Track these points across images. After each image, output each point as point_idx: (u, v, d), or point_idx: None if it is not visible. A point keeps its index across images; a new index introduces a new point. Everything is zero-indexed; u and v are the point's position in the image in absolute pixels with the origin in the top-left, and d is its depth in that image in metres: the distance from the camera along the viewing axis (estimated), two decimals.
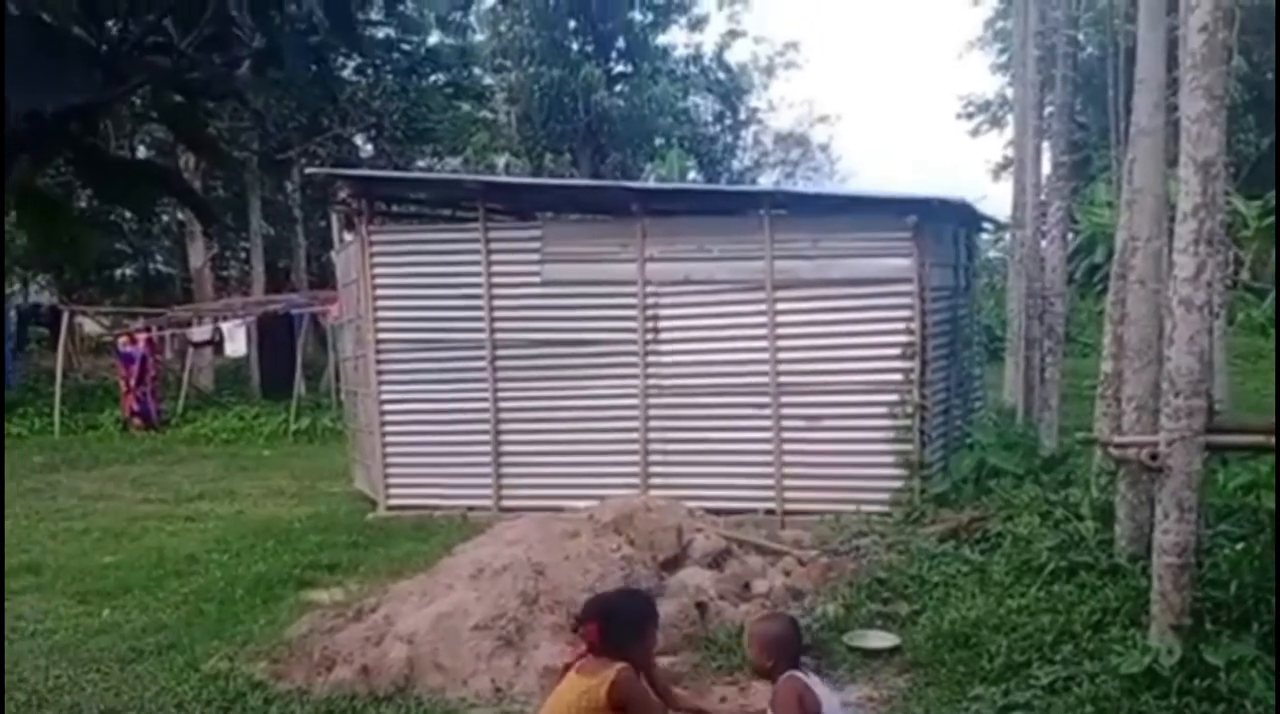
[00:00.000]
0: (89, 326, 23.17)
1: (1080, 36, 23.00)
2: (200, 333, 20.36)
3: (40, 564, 9.32)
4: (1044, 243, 12.12)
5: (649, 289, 10.30)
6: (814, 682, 4.46)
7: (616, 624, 4.34)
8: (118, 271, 31.41)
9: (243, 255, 31.39)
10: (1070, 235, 24.40)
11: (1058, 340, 11.34)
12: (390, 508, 10.97)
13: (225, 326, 19.83)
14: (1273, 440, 6.03)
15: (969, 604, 6.63)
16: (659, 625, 4.55)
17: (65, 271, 25.87)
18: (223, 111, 21.28)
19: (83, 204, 20.73)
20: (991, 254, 25.76)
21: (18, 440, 18.12)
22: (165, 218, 27.57)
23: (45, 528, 10.98)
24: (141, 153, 24.85)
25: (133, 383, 19.25)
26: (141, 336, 19.86)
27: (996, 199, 33.74)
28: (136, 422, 19.16)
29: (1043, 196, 12.78)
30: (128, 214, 24.72)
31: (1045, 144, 13.26)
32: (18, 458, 15.97)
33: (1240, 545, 6.29)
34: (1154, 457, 5.53)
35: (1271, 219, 21.90)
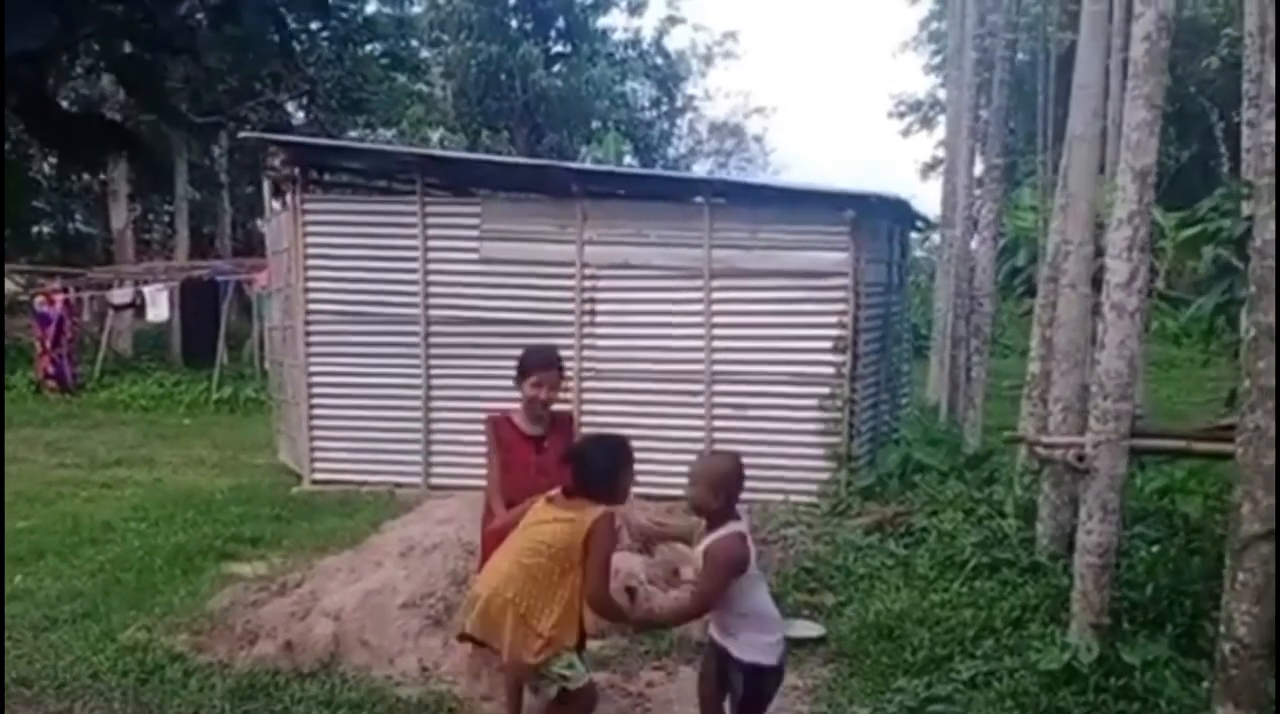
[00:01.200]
0: (4, 285, 22.44)
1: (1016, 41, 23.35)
2: (121, 296, 19.87)
3: None
4: (975, 244, 12.31)
5: (587, 271, 10.28)
6: (745, 526, 4.51)
7: (590, 467, 4.38)
8: (35, 229, 30.50)
9: (166, 219, 30.71)
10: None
11: (984, 340, 11.52)
12: (315, 482, 10.83)
13: (147, 290, 19.39)
14: (1191, 445, 6.23)
15: (893, 597, 6.74)
16: (631, 474, 4.54)
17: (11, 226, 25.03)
18: (172, 68, 20.76)
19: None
20: (918, 253, 26.11)
21: None
22: (86, 176, 26.83)
23: None
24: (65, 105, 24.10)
25: (48, 344, 18.75)
26: (59, 297, 19.35)
27: (924, 198, 34.24)
28: (51, 384, 18.69)
29: (974, 198, 12.97)
30: (46, 172, 24.01)
31: (978, 146, 13.45)
32: None
33: (1155, 548, 6.48)
34: (1080, 458, 5.66)
35: (1189, 231, 22.43)
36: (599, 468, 4.40)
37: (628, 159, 32.59)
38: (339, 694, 5.58)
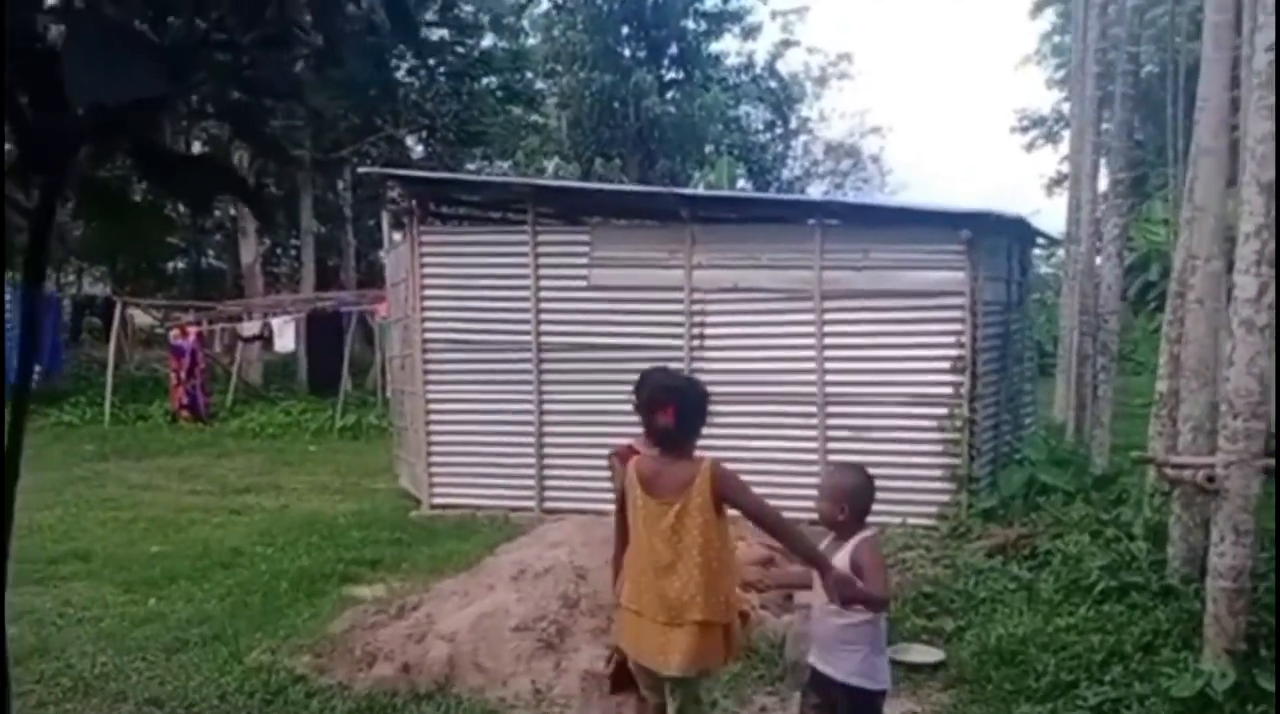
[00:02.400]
0: (141, 318, 23.50)
1: (1139, 53, 22.74)
2: (250, 328, 20.56)
3: (89, 552, 9.43)
4: (1099, 259, 11.96)
5: (696, 296, 10.28)
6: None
7: (689, 412, 4.19)
8: (170, 265, 31.80)
9: (293, 252, 31.68)
10: (1126, 253, 24.15)
11: (1111, 357, 11.18)
12: (434, 506, 11.02)
13: (275, 322, 20.03)
14: None
15: (1016, 621, 6.55)
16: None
17: (119, 263, 26.21)
18: (279, 111, 21.51)
19: (137, 198, 20.99)
20: (1044, 269, 25.53)
21: (69, 428, 18.40)
22: (218, 213, 27.87)
23: (94, 516, 11.12)
24: (197, 149, 25.13)
25: (183, 375, 19.46)
26: (192, 330, 20.10)
27: (1049, 214, 33.44)
28: (185, 414, 19.37)
29: (1099, 213, 12.62)
30: (182, 208, 25.00)
31: (1102, 160, 13.11)
32: (68, 446, 16.23)
33: None
34: (1210, 479, 5.44)
35: None
36: (698, 410, 4.22)
37: (741, 182, 32.61)
38: None
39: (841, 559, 4.24)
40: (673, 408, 4.14)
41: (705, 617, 4.06)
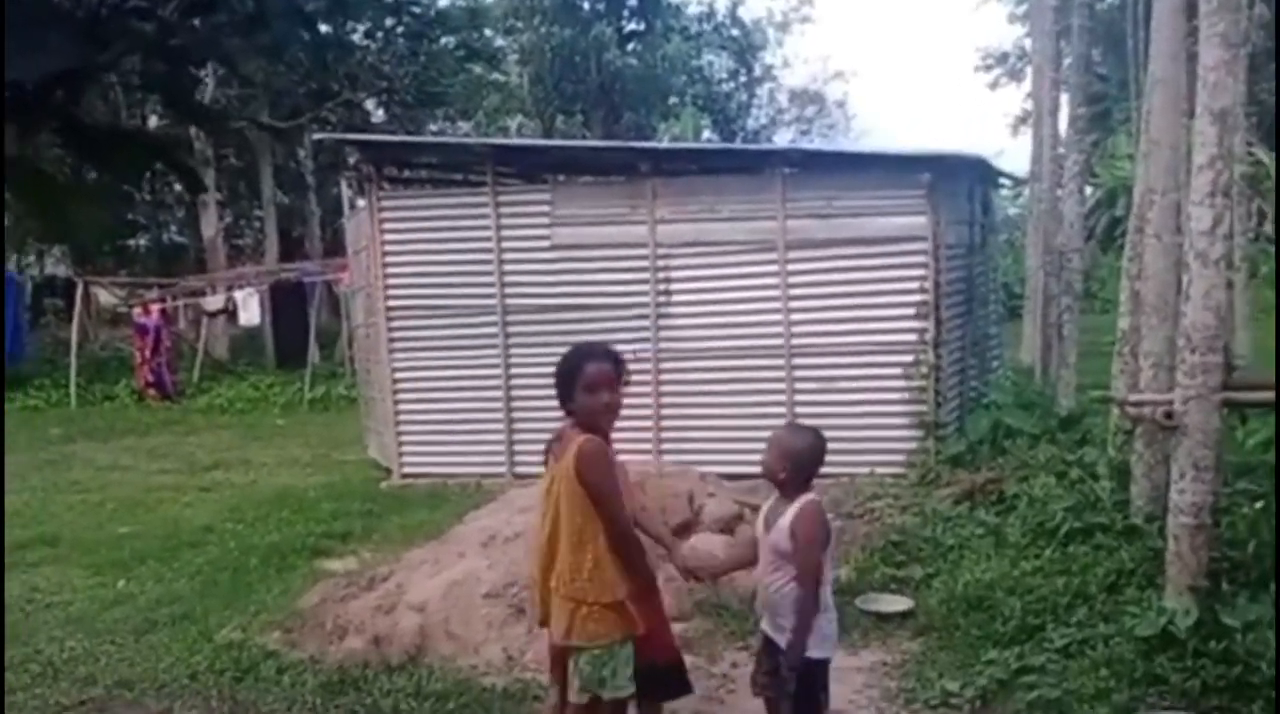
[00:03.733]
0: (104, 297, 23.18)
1: None
2: (214, 302, 20.34)
3: (56, 536, 9.34)
4: (1061, 196, 11.95)
5: (660, 251, 10.21)
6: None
7: (561, 380, 4.03)
8: (131, 242, 31.41)
9: (256, 224, 31.39)
10: (1090, 189, 24.19)
11: (1075, 297, 11.20)
12: (404, 476, 10.97)
13: (239, 295, 19.81)
14: None
15: (983, 567, 6.58)
16: (614, 377, 4.02)
17: (73, 244, 25.90)
18: (230, 80, 21.19)
19: (93, 176, 20.71)
20: (1011, 210, 25.54)
21: (35, 412, 18.20)
22: (178, 187, 27.52)
23: (61, 499, 11.02)
24: (154, 123, 24.78)
25: (148, 353, 19.24)
26: (155, 307, 19.85)
27: (1015, 154, 33.50)
28: (152, 392, 19.18)
29: (1061, 150, 12.59)
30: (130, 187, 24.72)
31: (1063, 96, 13.05)
32: (35, 429, 16.05)
33: (1259, 504, 6.19)
34: (1170, 415, 5.45)
35: None
36: (564, 375, 4.02)
37: (707, 133, 32.42)
38: (426, 686, 5.62)
39: (782, 525, 4.20)
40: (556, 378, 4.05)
41: (568, 592, 3.95)
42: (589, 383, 3.96)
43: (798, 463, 4.24)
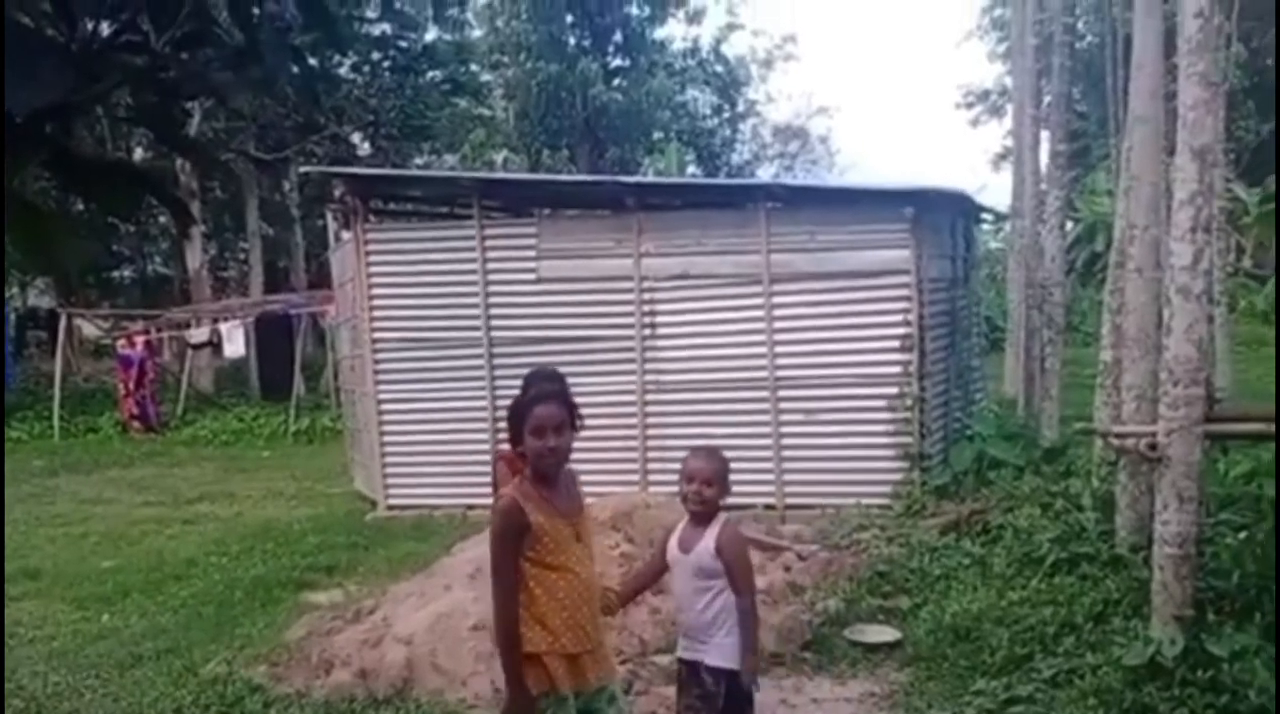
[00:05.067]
0: (88, 329, 23.15)
1: (1079, 25, 22.92)
2: (198, 334, 20.29)
3: (39, 569, 9.30)
4: (1043, 232, 12.07)
5: (646, 284, 10.25)
6: None
7: (510, 420, 3.86)
8: (116, 274, 31.32)
9: (241, 256, 31.34)
10: (1070, 224, 24.40)
11: (1058, 330, 11.29)
12: (390, 507, 10.94)
13: (223, 327, 19.77)
14: (1273, 428, 5.99)
15: (970, 597, 6.61)
16: (564, 422, 3.82)
17: (60, 275, 25.85)
18: (217, 113, 21.21)
19: (80, 207, 20.66)
20: (993, 245, 25.72)
21: (17, 444, 18.10)
22: (162, 219, 27.47)
23: (44, 533, 10.96)
24: (139, 155, 24.78)
25: (131, 386, 19.19)
26: (140, 339, 19.80)
27: (997, 189, 33.79)
28: (136, 425, 19.12)
29: (1042, 185, 12.72)
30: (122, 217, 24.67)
31: (1044, 133, 13.20)
32: (17, 462, 15.96)
33: (1242, 534, 6.25)
34: (1153, 447, 5.49)
35: (1272, 206, 21.79)
36: (512, 417, 3.84)
37: (691, 168, 32.57)
38: None
39: (705, 546, 4.28)
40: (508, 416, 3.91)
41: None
42: (535, 427, 3.78)
43: (726, 484, 4.40)
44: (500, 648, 3.83)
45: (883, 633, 6.48)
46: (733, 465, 5.61)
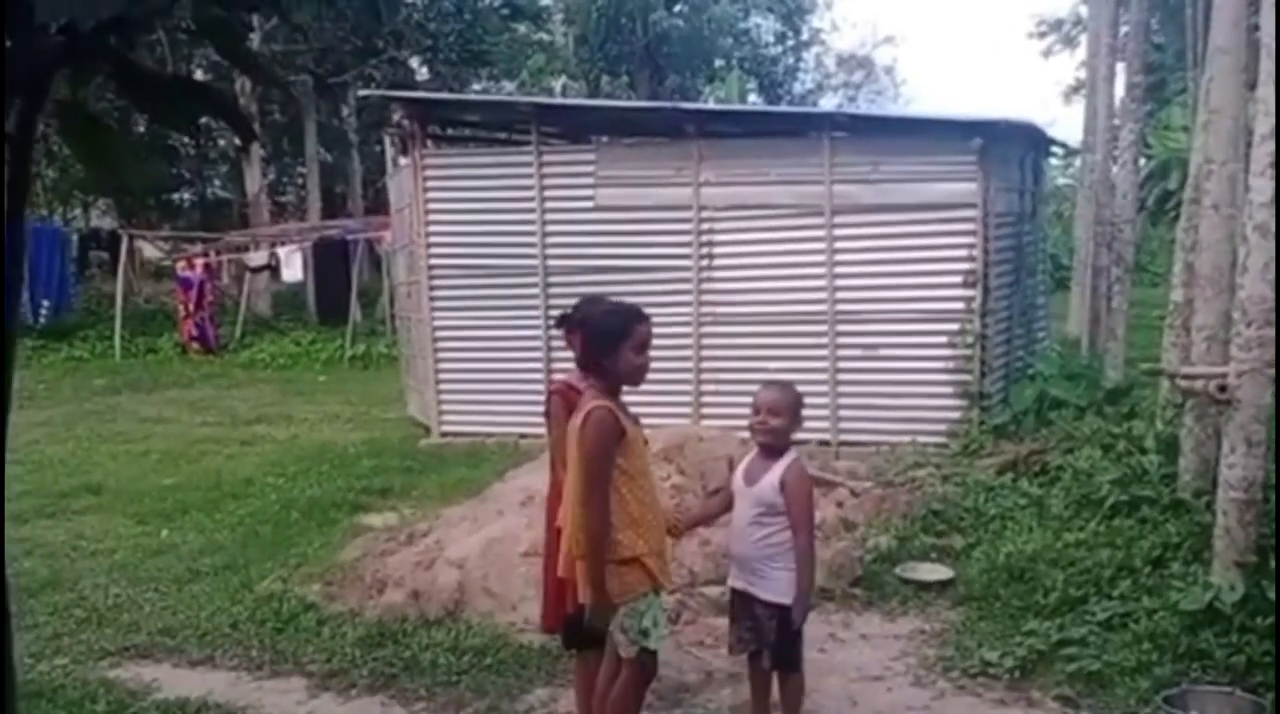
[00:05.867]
0: (148, 251, 23.36)
1: None
2: (257, 258, 20.45)
3: (101, 485, 9.48)
4: (1115, 168, 11.73)
5: (704, 214, 10.13)
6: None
7: (607, 337, 3.97)
8: (176, 197, 31.62)
9: (299, 180, 31.48)
10: (1143, 160, 23.77)
11: (1126, 268, 11.02)
12: (443, 434, 11.01)
13: (281, 252, 19.90)
14: None
15: (1025, 538, 6.51)
16: (643, 345, 3.99)
17: (123, 196, 26.11)
18: (276, 34, 21.16)
19: (141, 129, 20.80)
20: (1060, 181, 25.18)
21: (79, 363, 18.46)
22: (222, 142, 27.64)
23: (106, 449, 11.18)
24: (199, 75, 24.85)
25: (191, 308, 19.44)
26: (199, 262, 20.02)
27: (1067, 123, 32.96)
28: (195, 346, 19.39)
29: (1115, 120, 12.36)
30: (186, 139, 24.83)
31: (1119, 65, 12.80)
32: (79, 380, 16.30)
33: None
34: (1223, 388, 5.34)
35: None
36: (604, 333, 3.97)
37: (752, 97, 32.11)
38: (464, 640, 5.65)
39: (770, 480, 4.26)
40: (598, 334, 4.01)
41: (580, 552, 4.02)
42: (641, 342, 3.98)
43: (797, 418, 4.35)
44: (590, 554, 3.90)
45: (935, 571, 6.42)
46: None
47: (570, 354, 4.37)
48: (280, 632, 5.92)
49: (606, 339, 3.96)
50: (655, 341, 4.14)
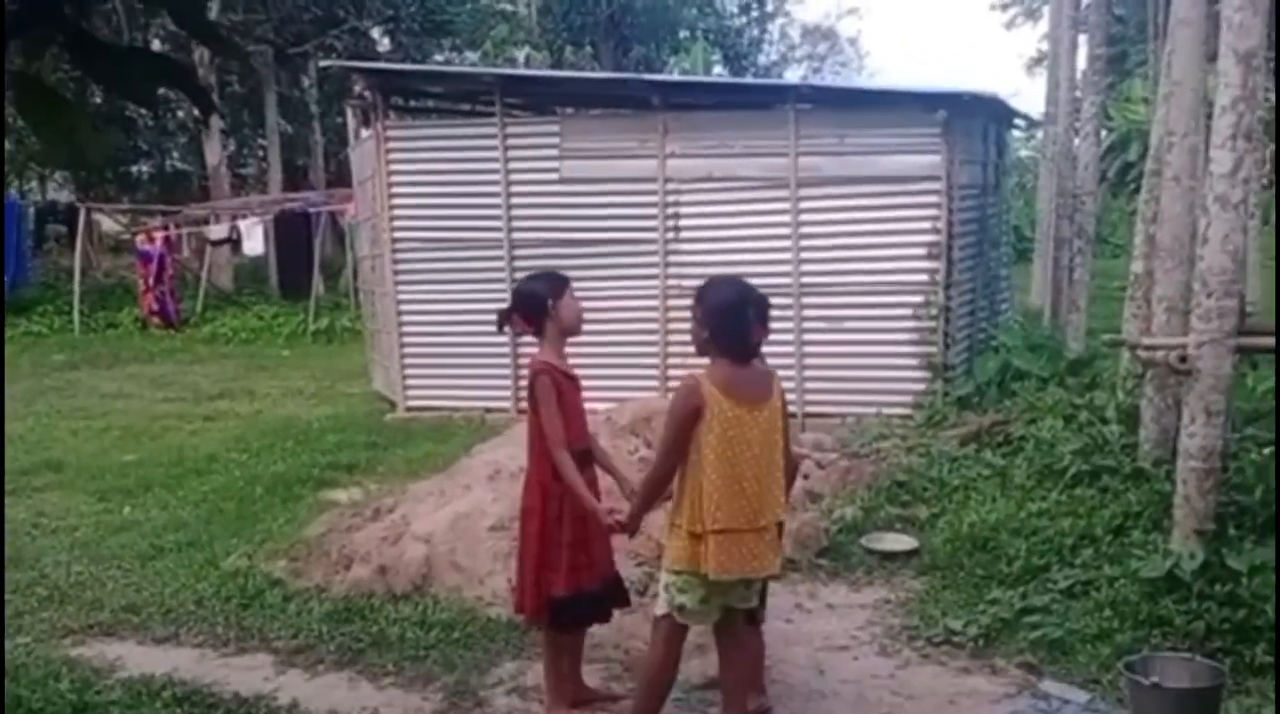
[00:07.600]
0: (107, 224, 23.04)
1: None
2: (217, 231, 20.19)
3: (61, 462, 9.37)
4: (1077, 140, 11.82)
5: (670, 186, 10.10)
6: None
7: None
8: (134, 168, 31.11)
9: (260, 153, 31.05)
10: (1104, 133, 23.92)
11: (1088, 240, 11.12)
12: (409, 409, 10.96)
13: (243, 225, 19.67)
14: None
15: (989, 508, 6.58)
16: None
17: (80, 168, 25.69)
18: (235, 2, 20.84)
19: (98, 100, 20.44)
20: (1023, 153, 25.29)
21: (38, 338, 18.18)
22: (180, 114, 27.19)
23: (66, 426, 11.04)
24: (156, 46, 24.44)
25: (151, 281, 19.14)
26: (159, 235, 19.71)
27: (1029, 95, 33.13)
28: (155, 320, 19.12)
29: (1077, 92, 12.42)
30: (143, 111, 24.43)
31: (1081, 37, 12.85)
32: (38, 355, 16.08)
33: (1267, 450, 6.17)
34: (1183, 359, 5.40)
35: None
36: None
37: (717, 69, 31.96)
38: (431, 615, 5.66)
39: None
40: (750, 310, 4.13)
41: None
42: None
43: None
44: (646, 490, 4.18)
45: (900, 541, 6.48)
46: None
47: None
48: (246, 608, 5.90)
49: (746, 316, 4.08)
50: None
